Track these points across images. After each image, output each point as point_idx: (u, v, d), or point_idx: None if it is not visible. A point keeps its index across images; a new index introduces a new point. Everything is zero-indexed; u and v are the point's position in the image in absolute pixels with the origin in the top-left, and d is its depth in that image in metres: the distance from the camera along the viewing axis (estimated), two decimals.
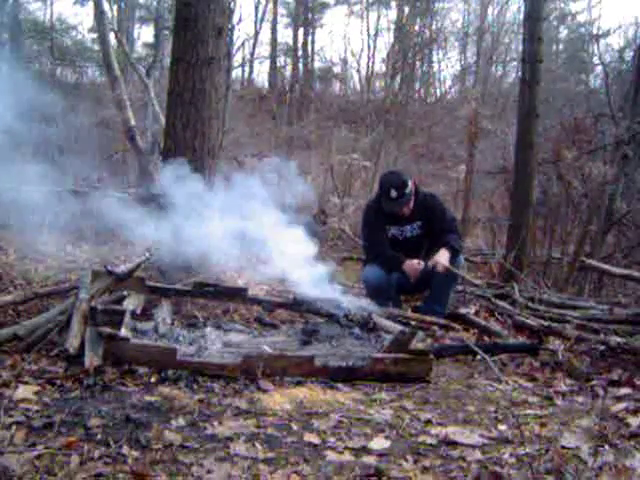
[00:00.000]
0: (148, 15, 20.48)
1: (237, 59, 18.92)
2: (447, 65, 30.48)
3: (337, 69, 23.11)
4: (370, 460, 1.89)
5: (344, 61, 22.62)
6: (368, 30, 22.66)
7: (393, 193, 4.14)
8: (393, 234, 4.31)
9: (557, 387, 2.83)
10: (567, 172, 6.65)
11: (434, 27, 20.70)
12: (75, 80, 17.24)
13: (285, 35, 25.04)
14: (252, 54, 21.28)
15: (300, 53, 22.31)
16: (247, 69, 22.84)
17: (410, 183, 4.20)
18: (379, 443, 2.02)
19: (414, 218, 4.28)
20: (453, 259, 4.10)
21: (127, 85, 10.33)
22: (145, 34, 39.68)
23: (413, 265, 4.07)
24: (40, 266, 4.77)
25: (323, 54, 31.25)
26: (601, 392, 2.68)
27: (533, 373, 3.05)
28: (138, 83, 11.35)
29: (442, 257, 4.03)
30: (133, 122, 9.03)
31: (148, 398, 2.28)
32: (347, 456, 1.91)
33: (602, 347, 3.29)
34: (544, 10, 6.58)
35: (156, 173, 6.51)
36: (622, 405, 2.48)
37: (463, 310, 4.21)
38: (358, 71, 21.91)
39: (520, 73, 7.10)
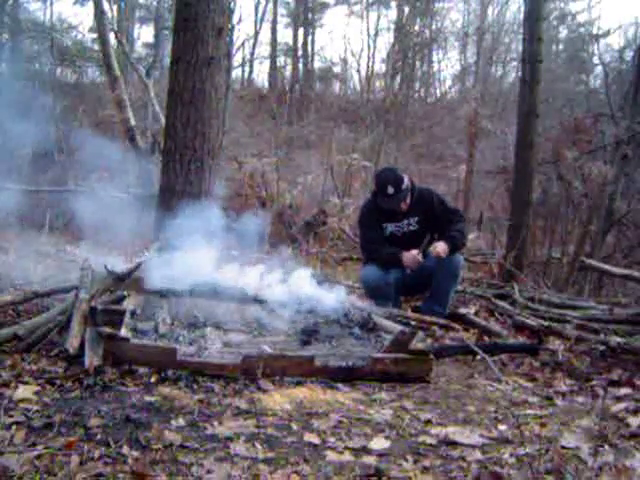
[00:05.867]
0: (148, 15, 20.50)
1: (237, 59, 18.94)
2: (447, 65, 30.48)
3: (337, 69, 23.13)
4: (370, 460, 1.89)
5: (344, 61, 22.63)
6: (368, 30, 22.68)
7: (390, 189, 4.14)
8: (391, 231, 4.31)
9: (557, 387, 2.83)
10: (567, 172, 6.66)
11: (434, 27, 20.71)
12: (75, 80, 17.23)
13: (285, 35, 25.11)
14: (252, 54, 21.31)
15: (300, 53, 22.32)
16: (247, 69, 22.86)
17: (406, 179, 4.21)
18: (379, 443, 2.02)
19: (411, 213, 4.29)
20: (453, 252, 4.11)
21: (127, 85, 10.33)
22: (145, 34, 39.74)
23: (411, 255, 4.06)
24: (40, 266, 4.77)
25: (323, 54, 31.31)
26: (601, 392, 2.67)
27: (533, 373, 3.05)
28: (138, 83, 11.35)
29: (439, 247, 4.05)
30: (133, 122, 9.04)
31: (148, 398, 2.28)
32: (347, 456, 1.91)
33: (602, 347, 3.29)
34: (544, 10, 6.60)
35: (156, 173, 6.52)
36: (622, 405, 2.48)
37: (463, 310, 4.22)
38: (358, 71, 21.93)
39: (520, 73, 7.11)
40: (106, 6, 10.77)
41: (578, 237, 6.46)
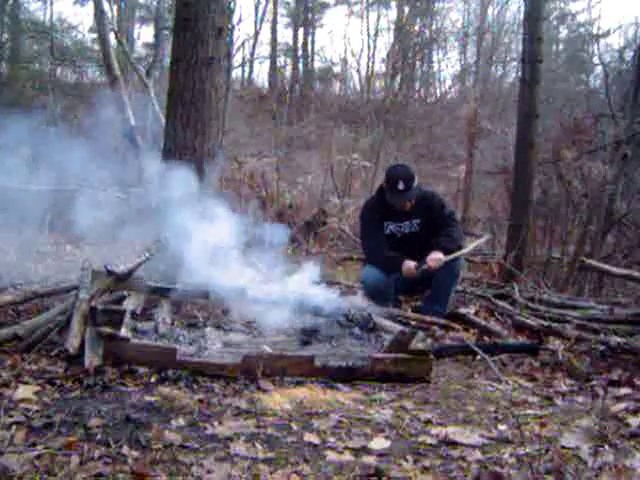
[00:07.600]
0: (148, 15, 20.49)
1: (237, 59, 18.93)
2: (447, 65, 30.53)
3: (337, 69, 23.11)
4: (370, 460, 1.89)
5: (344, 61, 22.62)
6: (368, 30, 22.69)
7: (401, 185, 4.11)
8: (391, 230, 4.30)
9: (557, 387, 2.83)
10: (567, 172, 6.65)
11: (434, 27, 20.71)
12: (75, 80, 17.23)
13: (285, 35, 25.07)
14: (252, 54, 21.28)
15: (300, 53, 22.32)
16: (247, 69, 22.85)
17: (416, 177, 4.20)
18: (379, 443, 2.02)
19: (413, 215, 4.27)
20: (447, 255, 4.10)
21: (127, 85, 10.32)
22: (145, 34, 39.67)
23: (408, 267, 4.05)
24: (40, 266, 4.77)
25: (323, 54, 31.30)
26: (601, 392, 2.67)
27: (533, 373, 3.05)
28: (138, 83, 11.33)
29: (434, 261, 4.01)
30: (133, 122, 9.03)
31: (148, 398, 2.28)
32: (347, 456, 1.91)
33: (602, 347, 3.29)
34: (544, 10, 6.60)
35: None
36: (622, 405, 2.48)
37: (463, 310, 4.21)
38: (358, 71, 21.92)
39: (520, 73, 7.11)
40: (106, 6, 10.72)
41: (578, 237, 6.45)
